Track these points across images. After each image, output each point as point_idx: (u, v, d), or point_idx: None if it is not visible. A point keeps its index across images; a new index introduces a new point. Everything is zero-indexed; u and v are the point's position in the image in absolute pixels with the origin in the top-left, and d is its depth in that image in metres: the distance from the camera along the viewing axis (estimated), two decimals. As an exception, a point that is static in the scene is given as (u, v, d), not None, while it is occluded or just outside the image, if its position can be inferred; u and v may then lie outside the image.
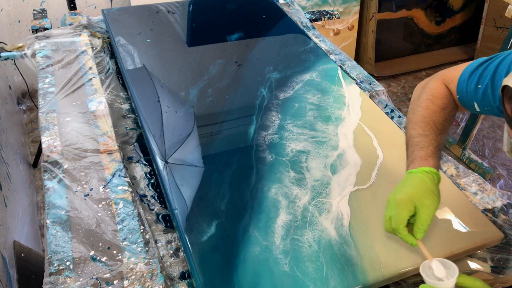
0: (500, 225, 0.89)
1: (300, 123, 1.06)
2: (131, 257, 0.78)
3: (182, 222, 0.81)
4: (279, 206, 0.86)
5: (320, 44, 1.47)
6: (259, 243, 0.79)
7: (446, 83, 0.85)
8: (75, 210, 0.85)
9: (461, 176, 1.00)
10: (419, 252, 0.79)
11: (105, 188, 0.90)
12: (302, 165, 0.95)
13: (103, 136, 1.02)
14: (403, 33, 3.00)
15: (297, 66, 1.27)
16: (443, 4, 3.00)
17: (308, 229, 0.82)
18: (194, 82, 1.18)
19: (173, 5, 1.52)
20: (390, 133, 1.06)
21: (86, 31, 1.40)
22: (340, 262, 0.77)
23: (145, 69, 1.20)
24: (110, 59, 1.31)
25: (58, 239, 0.80)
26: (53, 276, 0.74)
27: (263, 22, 1.49)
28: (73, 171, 0.93)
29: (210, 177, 0.91)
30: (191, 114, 1.07)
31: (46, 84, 1.16)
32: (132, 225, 0.84)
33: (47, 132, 1.02)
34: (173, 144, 0.97)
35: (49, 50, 1.29)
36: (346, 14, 2.72)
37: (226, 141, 1.01)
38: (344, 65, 1.37)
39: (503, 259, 0.84)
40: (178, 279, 0.78)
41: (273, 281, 0.73)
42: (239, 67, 1.25)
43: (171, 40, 1.35)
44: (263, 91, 1.16)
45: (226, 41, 1.37)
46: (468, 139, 2.26)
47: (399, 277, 0.78)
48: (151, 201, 0.91)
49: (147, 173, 0.97)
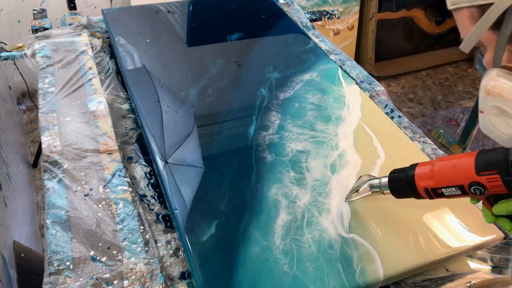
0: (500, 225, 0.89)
1: (300, 123, 1.06)
2: (131, 257, 0.78)
3: (182, 222, 0.81)
4: (279, 206, 0.86)
5: (320, 44, 1.47)
6: (259, 243, 0.79)
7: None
8: (75, 210, 0.85)
9: (461, 176, 1.00)
10: (419, 252, 0.79)
11: (105, 188, 0.90)
12: (302, 165, 0.95)
13: (103, 136, 1.02)
14: (403, 33, 3.00)
15: (297, 66, 1.27)
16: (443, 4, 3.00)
17: (308, 229, 0.82)
18: (194, 82, 1.18)
19: (173, 5, 1.52)
20: (390, 133, 1.06)
21: (86, 31, 1.40)
22: (340, 262, 0.77)
23: (145, 69, 1.20)
24: (110, 59, 1.31)
25: (58, 239, 0.80)
26: (53, 276, 0.74)
27: (263, 22, 1.49)
28: (73, 171, 0.93)
29: (210, 177, 0.91)
30: (191, 114, 1.07)
31: (46, 84, 1.16)
32: (132, 225, 0.84)
33: (47, 132, 1.02)
34: (173, 144, 0.97)
35: (49, 50, 1.29)
36: (346, 14, 2.72)
37: (226, 141, 1.01)
38: (344, 65, 1.37)
39: (503, 259, 0.84)
40: (178, 279, 0.78)
41: (273, 281, 0.73)
42: (239, 67, 1.25)
43: (171, 40, 1.35)
44: (263, 91, 1.16)
45: (226, 41, 1.37)
46: (468, 139, 2.26)
47: (399, 277, 0.78)
48: (151, 201, 0.91)
49: (147, 173, 0.97)
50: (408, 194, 0.76)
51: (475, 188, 0.67)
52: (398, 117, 1.17)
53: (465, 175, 0.67)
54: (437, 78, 2.97)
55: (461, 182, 0.68)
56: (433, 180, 0.71)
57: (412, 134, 1.11)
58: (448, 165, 0.70)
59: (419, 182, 0.73)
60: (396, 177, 0.78)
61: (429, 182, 0.72)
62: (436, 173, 0.71)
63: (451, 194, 0.70)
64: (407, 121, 1.16)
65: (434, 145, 1.09)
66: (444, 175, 0.70)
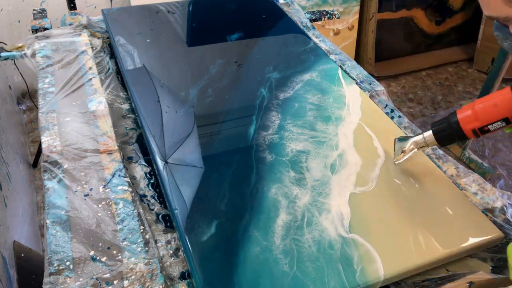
0: (500, 225, 0.89)
1: (300, 123, 1.06)
2: (131, 257, 0.78)
3: (182, 222, 0.81)
4: (279, 206, 0.86)
5: (320, 44, 1.47)
6: (259, 243, 0.79)
7: None
8: (75, 210, 0.85)
9: (461, 176, 1.00)
10: (419, 252, 0.79)
11: (105, 188, 0.90)
12: (302, 165, 0.95)
13: (103, 136, 1.02)
14: (403, 33, 3.00)
15: (297, 66, 1.27)
16: (443, 4, 3.00)
17: (308, 229, 0.82)
18: (194, 82, 1.18)
19: (173, 5, 1.52)
20: (390, 133, 1.06)
21: (86, 31, 1.40)
22: (340, 262, 0.77)
23: (145, 69, 1.20)
24: (110, 59, 1.31)
25: (58, 239, 0.80)
26: (53, 276, 0.74)
27: (263, 22, 1.49)
28: (73, 171, 0.93)
29: (210, 177, 0.91)
30: (191, 114, 1.07)
31: (46, 84, 1.16)
32: (132, 225, 0.84)
33: (47, 132, 1.02)
34: (173, 144, 0.97)
35: (49, 50, 1.29)
36: (346, 14, 2.72)
37: (226, 141, 1.01)
38: (344, 65, 1.37)
39: (503, 259, 0.84)
40: (178, 279, 0.78)
41: (273, 281, 0.73)
42: (239, 67, 1.25)
43: (171, 40, 1.35)
44: (263, 91, 1.16)
45: (226, 41, 1.37)
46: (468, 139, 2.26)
47: (399, 277, 0.78)
48: (151, 201, 0.91)
49: (147, 173, 0.97)
50: (454, 140, 0.88)
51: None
52: (398, 117, 1.17)
53: (508, 109, 0.81)
54: (437, 78, 2.97)
55: (506, 115, 0.81)
56: (479, 121, 0.83)
57: (412, 134, 1.11)
58: (489, 104, 0.82)
59: (465, 126, 0.85)
60: (441, 128, 0.89)
61: (475, 124, 0.84)
62: (480, 114, 0.83)
63: (497, 127, 0.83)
64: (407, 121, 1.16)
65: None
66: (489, 114, 0.82)
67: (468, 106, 0.85)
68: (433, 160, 1.03)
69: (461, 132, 0.86)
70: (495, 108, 0.82)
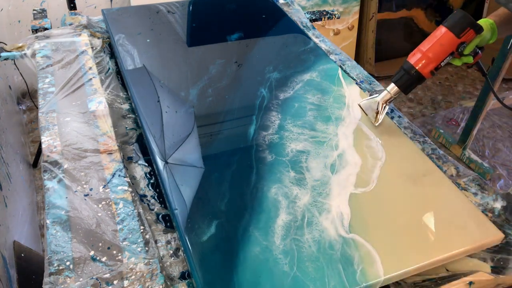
0: (500, 225, 0.89)
1: (300, 123, 1.06)
2: (131, 257, 0.78)
3: (182, 222, 0.81)
4: (279, 206, 0.86)
5: (320, 44, 1.47)
6: (259, 243, 0.79)
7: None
8: (75, 210, 0.85)
9: (461, 176, 1.00)
10: (419, 252, 0.79)
11: (105, 188, 0.90)
12: (302, 165, 0.95)
13: (103, 136, 1.02)
14: (403, 33, 3.00)
15: (297, 66, 1.27)
16: (443, 4, 3.00)
17: (308, 229, 0.82)
18: (194, 82, 1.18)
19: (173, 5, 1.52)
20: (390, 133, 1.06)
21: (86, 31, 1.40)
22: (340, 262, 0.77)
23: (145, 69, 1.20)
24: (110, 59, 1.31)
25: (58, 239, 0.80)
26: (53, 276, 0.74)
27: (263, 22, 1.49)
28: (73, 171, 0.93)
29: (210, 177, 0.91)
30: (191, 114, 1.07)
31: (46, 84, 1.16)
32: (132, 225, 0.84)
33: (47, 132, 1.02)
34: (173, 144, 0.97)
35: (49, 50, 1.29)
36: (346, 14, 2.72)
37: (226, 141, 1.01)
38: (344, 65, 1.37)
39: (503, 259, 0.84)
40: (178, 279, 0.78)
41: (273, 281, 0.73)
42: (239, 67, 1.25)
43: (171, 40, 1.35)
44: (263, 91, 1.16)
45: (226, 41, 1.37)
46: (468, 139, 2.26)
47: (399, 277, 0.78)
48: (151, 201, 0.91)
49: (147, 173, 0.97)
50: (415, 85, 1.01)
51: (461, 48, 0.97)
52: (398, 117, 1.17)
53: (452, 44, 0.97)
54: (437, 78, 2.97)
55: (451, 49, 0.97)
56: (434, 62, 0.98)
57: (412, 134, 1.12)
58: (435, 46, 0.98)
59: (423, 70, 0.98)
60: (403, 80, 1.01)
61: (431, 66, 0.98)
62: (432, 57, 0.98)
63: (446, 62, 0.99)
64: (407, 121, 1.16)
65: (434, 145, 1.09)
66: (439, 53, 0.98)
67: (417, 52, 0.99)
68: (433, 160, 1.03)
69: (421, 76, 0.99)
70: (441, 47, 0.97)
